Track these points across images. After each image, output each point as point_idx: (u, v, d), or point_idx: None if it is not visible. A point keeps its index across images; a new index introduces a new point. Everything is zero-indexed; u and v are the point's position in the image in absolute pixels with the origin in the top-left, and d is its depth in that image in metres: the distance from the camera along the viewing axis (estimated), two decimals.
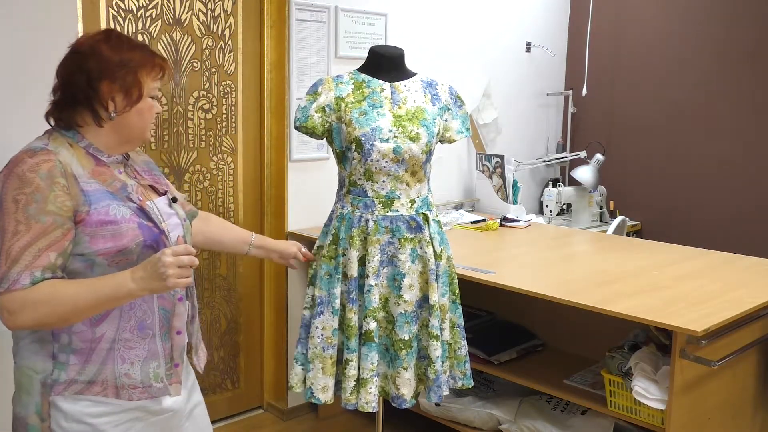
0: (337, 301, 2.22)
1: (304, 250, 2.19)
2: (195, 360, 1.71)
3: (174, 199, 1.64)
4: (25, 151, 1.41)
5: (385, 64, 2.29)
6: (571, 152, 4.33)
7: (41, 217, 1.35)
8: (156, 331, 1.52)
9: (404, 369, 2.22)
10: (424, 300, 2.23)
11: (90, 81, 1.44)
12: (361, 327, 2.21)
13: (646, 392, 2.16)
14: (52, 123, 1.51)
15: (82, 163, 1.44)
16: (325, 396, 2.25)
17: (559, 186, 4.20)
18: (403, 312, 2.20)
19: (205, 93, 2.96)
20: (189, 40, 2.88)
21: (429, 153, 2.24)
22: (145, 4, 2.72)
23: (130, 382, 1.48)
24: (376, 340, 2.21)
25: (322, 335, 2.23)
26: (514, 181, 3.86)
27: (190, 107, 2.92)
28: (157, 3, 2.75)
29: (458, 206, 3.84)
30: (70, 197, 1.38)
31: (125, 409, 1.49)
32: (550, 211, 4.09)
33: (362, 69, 2.32)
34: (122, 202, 1.45)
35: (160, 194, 1.61)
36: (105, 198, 1.43)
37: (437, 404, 2.77)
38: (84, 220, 1.39)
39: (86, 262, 1.42)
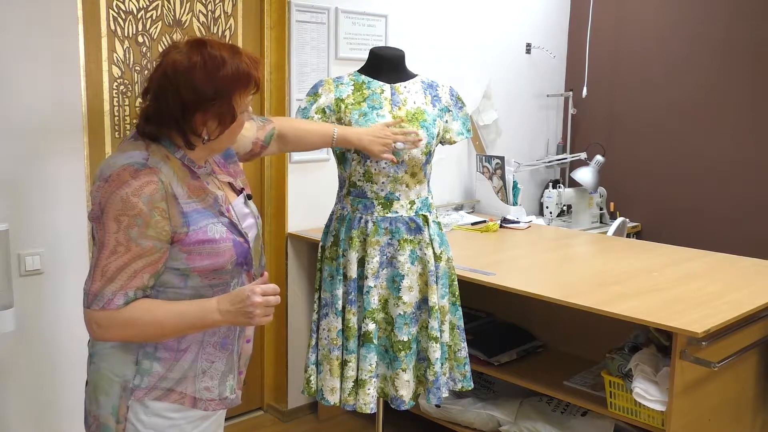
0: (340, 303, 2.22)
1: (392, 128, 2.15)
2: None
3: (249, 197, 1.63)
4: (127, 168, 1.37)
5: (386, 65, 2.29)
6: (571, 153, 4.33)
7: (141, 241, 1.36)
8: (234, 344, 1.55)
9: (403, 370, 2.21)
10: (423, 302, 2.23)
11: (184, 111, 1.41)
12: (360, 328, 2.21)
13: (647, 393, 2.16)
14: (143, 130, 1.46)
15: (179, 176, 1.43)
16: (333, 398, 2.24)
17: (560, 187, 4.20)
18: (402, 313, 2.20)
19: None
20: None
21: (429, 154, 2.24)
22: (145, 6, 2.72)
23: (209, 396, 1.51)
24: (375, 341, 2.21)
25: (327, 337, 2.23)
26: (514, 182, 3.85)
27: None
28: (158, 4, 2.75)
29: (458, 207, 3.84)
30: (169, 221, 1.39)
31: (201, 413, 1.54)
32: (551, 213, 4.09)
33: (362, 70, 2.32)
34: (216, 218, 1.46)
35: (237, 191, 1.61)
36: (203, 218, 1.44)
37: (437, 406, 2.77)
38: (182, 240, 1.41)
39: (181, 276, 1.44)
